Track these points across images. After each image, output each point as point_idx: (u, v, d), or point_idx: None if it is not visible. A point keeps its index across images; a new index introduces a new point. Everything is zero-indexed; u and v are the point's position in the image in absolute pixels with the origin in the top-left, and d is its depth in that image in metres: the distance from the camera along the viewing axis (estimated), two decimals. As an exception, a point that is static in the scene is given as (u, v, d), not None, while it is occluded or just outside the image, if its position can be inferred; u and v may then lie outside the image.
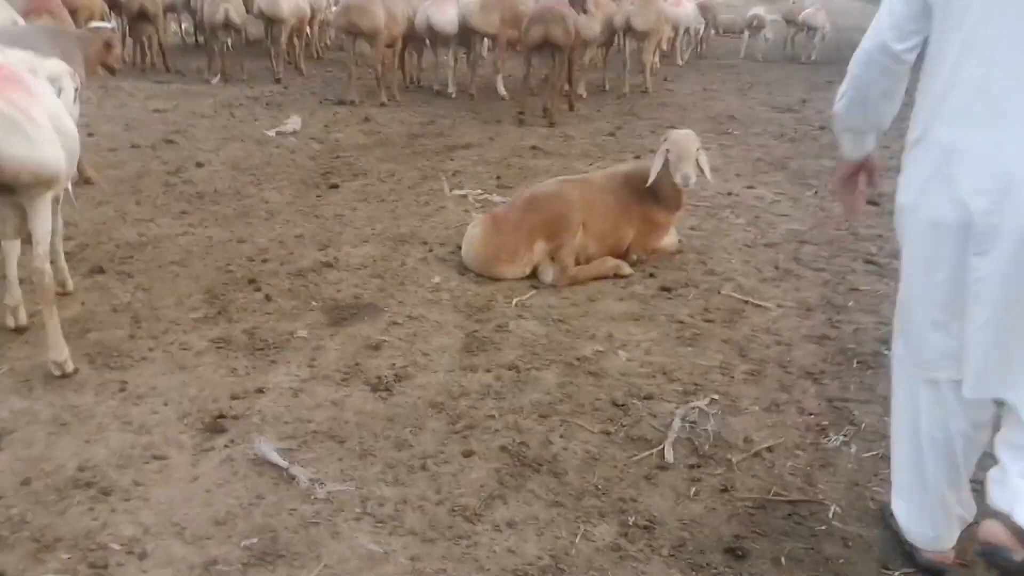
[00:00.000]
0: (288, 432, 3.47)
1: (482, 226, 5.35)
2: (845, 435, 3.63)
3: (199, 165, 7.44)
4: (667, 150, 5.37)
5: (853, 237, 6.28)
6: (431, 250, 5.69)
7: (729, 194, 7.32)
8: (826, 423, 3.74)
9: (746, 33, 19.91)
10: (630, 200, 5.54)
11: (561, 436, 3.54)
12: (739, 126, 10.29)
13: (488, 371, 4.09)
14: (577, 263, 5.33)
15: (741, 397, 3.94)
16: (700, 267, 5.60)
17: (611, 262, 5.43)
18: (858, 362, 4.36)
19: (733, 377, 4.14)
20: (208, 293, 4.79)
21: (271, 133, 8.94)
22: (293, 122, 9.21)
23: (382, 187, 7.10)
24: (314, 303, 4.78)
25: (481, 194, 6.93)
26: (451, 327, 4.56)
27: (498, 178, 7.45)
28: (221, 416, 3.54)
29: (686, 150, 5.41)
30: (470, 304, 4.87)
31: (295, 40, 13.60)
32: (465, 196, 6.87)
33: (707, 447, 3.51)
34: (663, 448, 3.47)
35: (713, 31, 20.56)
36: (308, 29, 13.82)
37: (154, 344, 4.17)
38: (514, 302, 4.92)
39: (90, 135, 7.94)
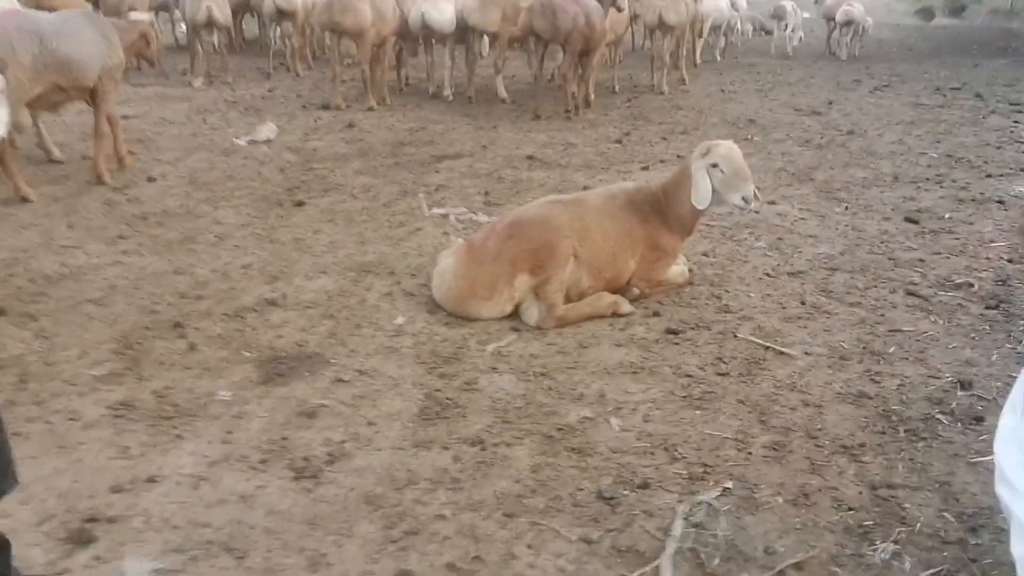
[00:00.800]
0: (176, 542, 2.73)
1: (455, 256, 4.61)
2: (896, 542, 2.85)
3: (150, 180, 6.74)
4: (715, 165, 4.64)
5: (891, 263, 5.49)
6: (398, 282, 4.95)
7: (748, 211, 6.52)
8: (870, 522, 2.97)
9: (775, 29, 19.07)
10: (632, 224, 4.78)
11: (529, 546, 2.79)
12: (760, 131, 9.49)
13: (446, 448, 3.34)
14: (568, 300, 4.58)
15: (760, 483, 3.17)
16: (713, 303, 4.82)
17: (608, 299, 4.66)
18: (905, 430, 3.58)
19: (751, 453, 3.37)
20: (121, 341, 4.07)
21: (241, 142, 8.25)
22: (268, 129, 8.51)
23: (353, 205, 6.37)
24: (247, 353, 4.05)
25: (464, 213, 6.19)
26: (408, 385, 3.81)
27: (486, 194, 6.70)
28: (92, 519, 2.81)
29: (742, 167, 4.71)
30: (436, 353, 4.12)
31: (290, 40, 12.95)
32: (446, 216, 6.11)
33: (717, 562, 2.74)
34: (658, 566, 2.70)
35: (742, 27, 19.67)
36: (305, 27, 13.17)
37: (36, 413, 3.45)
38: (489, 349, 4.17)
39: (38, 146, 7.24)
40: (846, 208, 6.69)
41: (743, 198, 4.69)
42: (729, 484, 3.16)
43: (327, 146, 8.29)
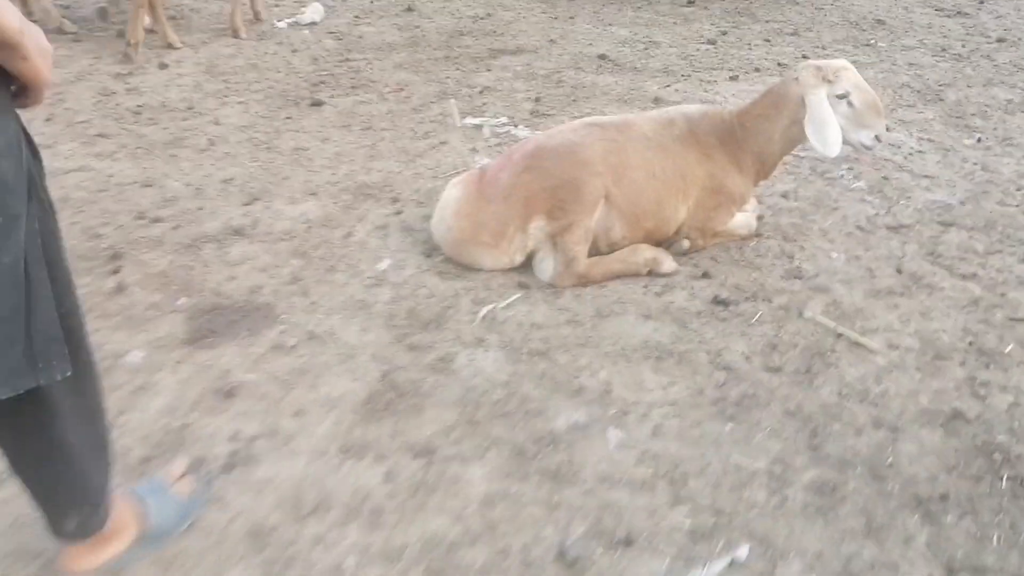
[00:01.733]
0: (-12, 579, 2.11)
1: (461, 188, 3.79)
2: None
3: (162, 66, 6.07)
4: (843, 96, 3.75)
5: (1028, 220, 4.37)
6: (400, 212, 4.18)
7: (851, 139, 5.41)
8: (937, 634, 2.12)
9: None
10: (690, 160, 3.86)
11: (441, 632, 2.06)
12: (887, 35, 8.10)
13: (382, 458, 2.63)
14: (596, 252, 3.73)
15: (790, 551, 2.35)
16: (781, 264, 3.89)
17: (646, 253, 3.79)
18: (1010, 477, 2.68)
19: (787, 498, 2.54)
20: (41, 275, 3.43)
21: (282, 24, 7.45)
22: (314, 11, 7.69)
23: (379, 107, 5.56)
24: (184, 299, 3.37)
25: (503, 125, 5.31)
26: (366, 357, 3.09)
27: (537, 100, 5.77)
28: None
29: (874, 97, 3.84)
30: (415, 313, 3.37)
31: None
32: (480, 128, 5.24)
33: None
34: None
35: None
36: None
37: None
38: (482, 313, 3.40)
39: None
40: (979, 140, 5.49)
41: (876, 136, 3.79)
42: (744, 549, 2.35)
43: (376, 33, 7.43)
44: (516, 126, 5.27)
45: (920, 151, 5.30)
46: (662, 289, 3.68)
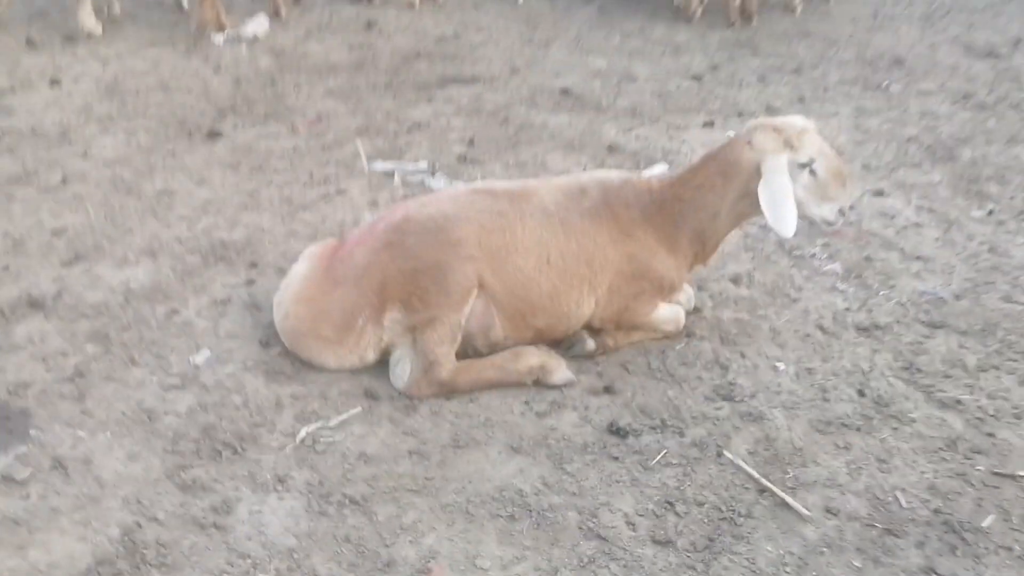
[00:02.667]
0: None
1: (308, 264, 3.08)
2: None
3: (53, 82, 5.42)
4: (805, 165, 3.09)
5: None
6: (251, 282, 3.47)
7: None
8: None
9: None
10: (602, 241, 3.14)
11: None
12: (903, 76, 7.27)
13: None
14: (476, 354, 3.00)
15: None
16: (711, 377, 3.13)
17: (531, 359, 3.06)
18: None
19: None
20: None
21: (218, 39, 6.78)
22: (257, 24, 7.06)
23: (284, 143, 4.87)
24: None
25: (420, 172, 4.58)
26: (115, 502, 2.35)
27: (470, 143, 5.05)
28: None
29: (840, 165, 3.20)
30: (212, 432, 2.66)
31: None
32: (391, 174, 4.51)
33: None
34: None
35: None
36: None
37: None
38: (300, 435, 2.65)
39: None
40: (990, 213, 4.67)
41: (840, 210, 3.17)
42: None
43: (322, 52, 6.75)
44: (433, 174, 4.54)
45: (917, 223, 4.50)
46: (547, 407, 2.93)
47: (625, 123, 5.52)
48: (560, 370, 3.06)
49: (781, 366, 3.24)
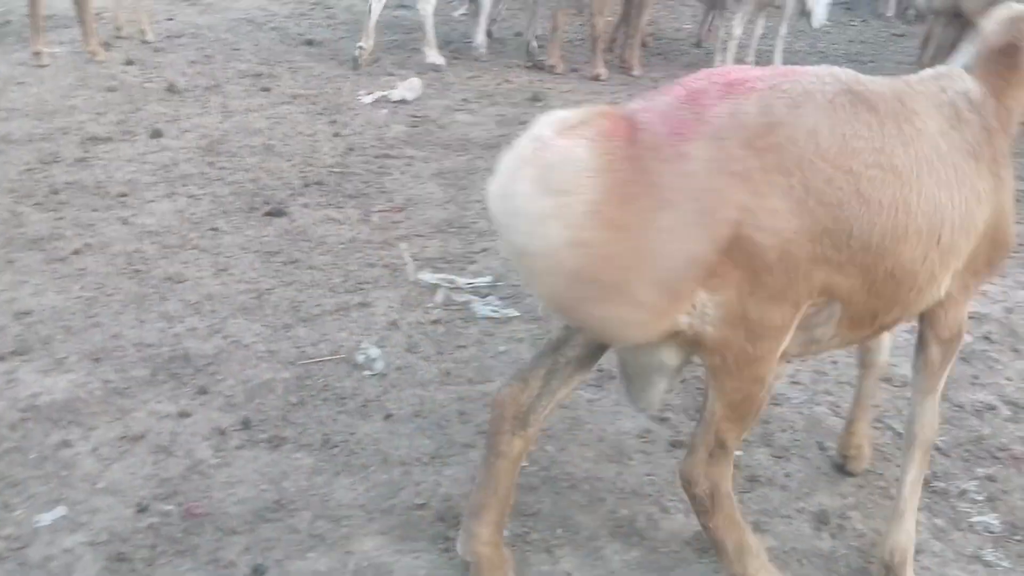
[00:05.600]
0: None
1: (599, 152, 1.85)
2: None
3: (154, 135, 5.22)
4: None
5: None
6: (187, 413, 2.89)
7: None
8: None
9: None
10: (986, 187, 2.24)
11: None
12: None
13: None
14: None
15: None
16: None
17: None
18: None
19: None
20: None
21: (366, 99, 6.45)
22: (408, 87, 6.67)
23: (343, 232, 4.35)
24: None
25: (473, 288, 3.84)
26: None
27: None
28: None
29: None
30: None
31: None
32: (436, 288, 3.81)
33: None
34: None
35: None
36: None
37: None
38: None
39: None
40: None
41: None
42: None
43: (467, 124, 6.23)
44: (484, 296, 3.77)
45: None
46: None
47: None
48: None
49: None
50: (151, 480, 2.62)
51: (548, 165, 1.83)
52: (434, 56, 7.53)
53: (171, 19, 8.49)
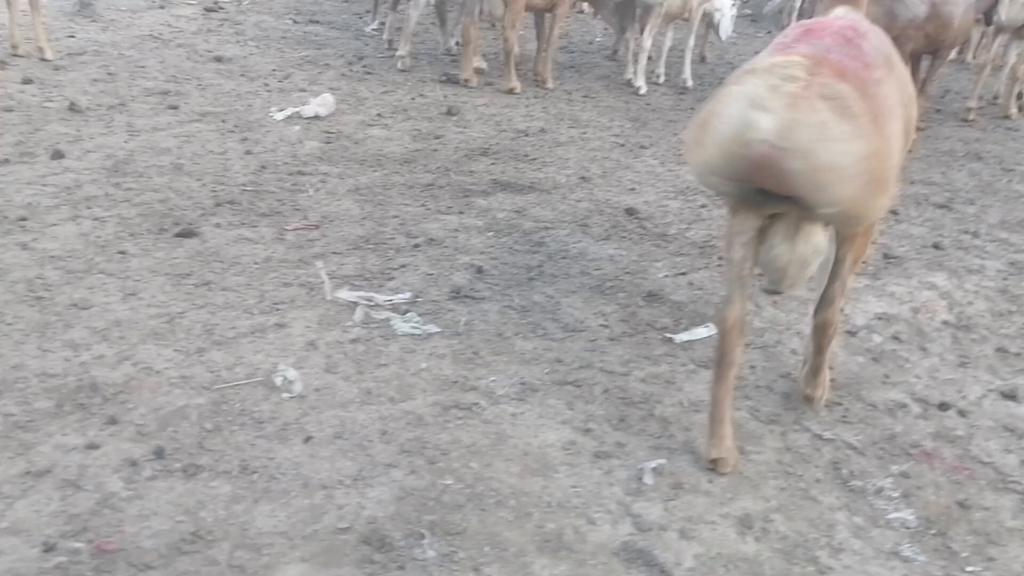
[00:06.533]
0: None
1: (851, 85, 2.51)
2: None
3: (56, 156, 5.04)
4: None
5: None
6: (95, 445, 2.78)
7: None
8: None
9: None
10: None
11: None
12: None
13: None
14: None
15: None
16: None
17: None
18: None
19: None
20: None
21: (278, 116, 6.34)
22: (321, 103, 6.58)
23: (256, 251, 4.24)
24: None
25: (390, 306, 3.78)
26: None
27: (478, 272, 4.21)
28: None
29: None
30: None
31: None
32: (354, 306, 3.74)
33: None
34: None
35: None
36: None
37: None
38: None
39: None
40: None
41: None
42: None
43: (381, 139, 6.16)
44: (404, 312, 3.72)
45: (1052, 453, 3.26)
46: None
47: (684, 262, 4.53)
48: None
49: None
50: (58, 517, 2.50)
51: (840, 96, 2.41)
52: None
53: (72, 36, 8.21)
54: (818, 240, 2.73)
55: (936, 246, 5.03)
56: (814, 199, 2.45)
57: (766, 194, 2.54)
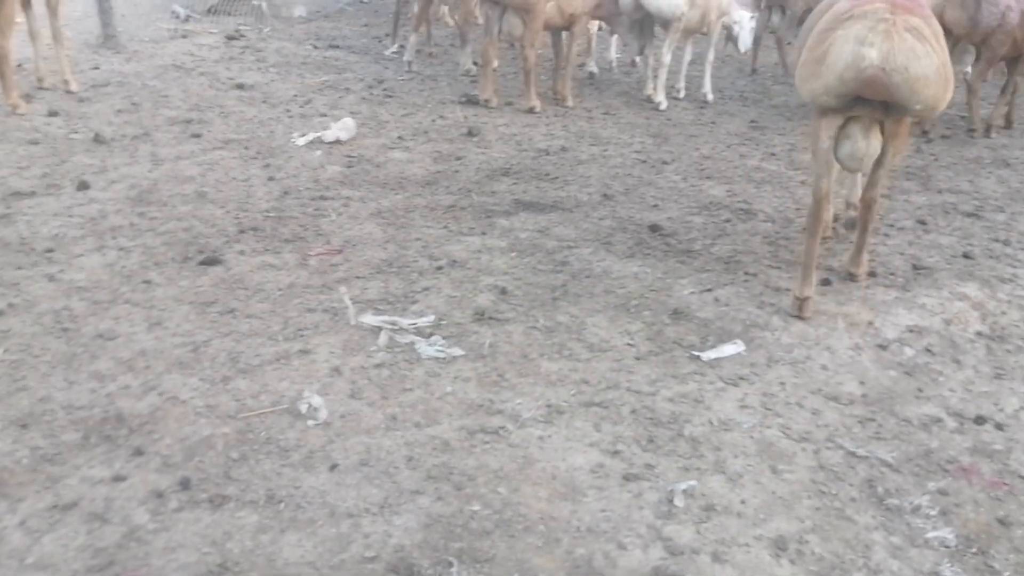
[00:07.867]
0: None
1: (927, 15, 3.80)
2: None
3: (81, 187, 5.08)
4: None
5: None
6: (122, 477, 2.78)
7: None
8: None
9: None
10: None
11: None
12: None
13: None
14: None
15: None
16: None
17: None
18: None
19: None
20: None
21: (300, 141, 6.37)
22: (342, 127, 6.61)
23: (281, 278, 4.24)
24: None
25: (414, 330, 3.76)
26: None
27: (503, 293, 4.19)
28: None
29: None
30: None
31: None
32: (379, 331, 3.73)
33: None
34: None
35: None
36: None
37: None
38: None
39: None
40: None
41: None
42: None
43: (402, 162, 6.17)
44: (428, 336, 3.70)
45: (1094, 466, 3.17)
46: None
47: (709, 279, 4.48)
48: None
49: None
50: (85, 551, 2.50)
51: (916, 27, 3.54)
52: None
53: (96, 68, 8.30)
54: (878, 136, 3.86)
55: (966, 255, 4.95)
56: (910, 100, 3.56)
57: (860, 101, 3.66)
